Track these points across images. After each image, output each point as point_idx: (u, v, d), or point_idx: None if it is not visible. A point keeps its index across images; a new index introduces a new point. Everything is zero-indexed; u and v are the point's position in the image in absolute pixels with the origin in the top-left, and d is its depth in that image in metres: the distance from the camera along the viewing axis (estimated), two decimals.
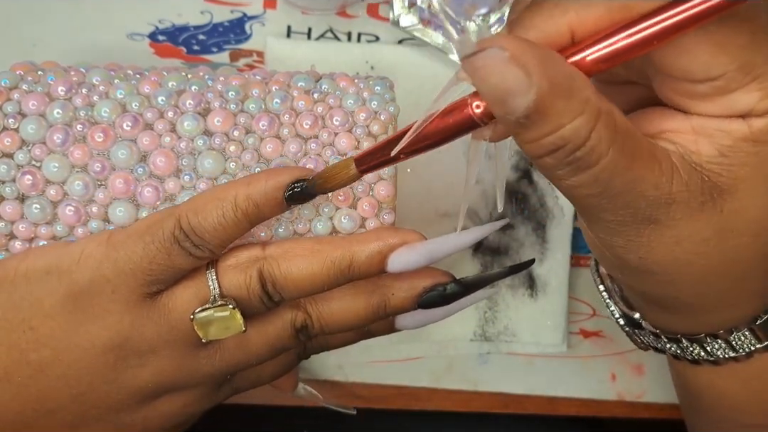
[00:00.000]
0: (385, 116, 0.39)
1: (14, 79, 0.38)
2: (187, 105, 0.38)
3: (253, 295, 0.36)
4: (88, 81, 0.39)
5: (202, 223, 0.35)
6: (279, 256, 0.37)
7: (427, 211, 0.53)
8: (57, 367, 0.36)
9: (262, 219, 0.36)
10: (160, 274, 0.35)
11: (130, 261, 0.35)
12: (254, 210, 0.35)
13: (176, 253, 0.35)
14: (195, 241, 0.35)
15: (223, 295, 0.36)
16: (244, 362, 0.38)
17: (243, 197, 0.35)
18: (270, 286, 0.36)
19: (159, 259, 0.35)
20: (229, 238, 0.36)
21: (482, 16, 0.50)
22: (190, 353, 0.37)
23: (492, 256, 0.54)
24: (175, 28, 0.52)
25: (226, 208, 0.35)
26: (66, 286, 0.36)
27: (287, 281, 0.36)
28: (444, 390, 0.54)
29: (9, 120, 0.37)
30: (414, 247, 0.37)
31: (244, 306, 0.36)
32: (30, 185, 0.37)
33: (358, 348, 0.52)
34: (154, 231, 0.35)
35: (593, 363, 0.54)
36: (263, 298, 0.36)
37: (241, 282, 0.36)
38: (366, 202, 0.39)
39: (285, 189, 0.35)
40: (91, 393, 0.36)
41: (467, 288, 0.38)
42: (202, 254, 0.35)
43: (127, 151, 0.37)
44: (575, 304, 0.55)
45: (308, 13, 0.53)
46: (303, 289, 0.37)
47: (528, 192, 0.54)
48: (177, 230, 0.35)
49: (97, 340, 0.36)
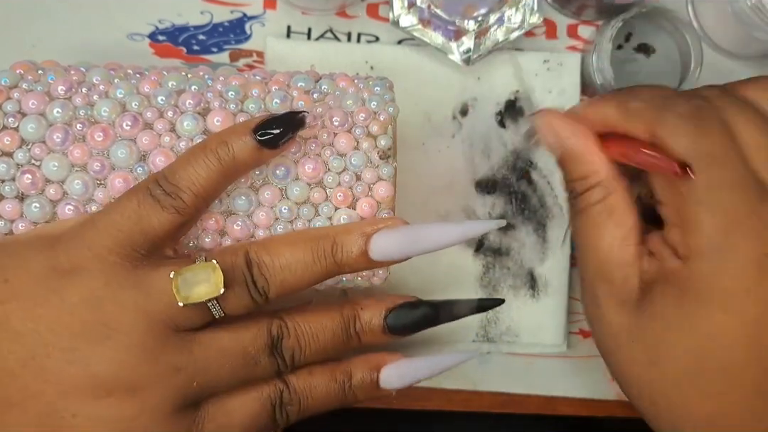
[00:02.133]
0: (384, 116, 0.40)
1: (14, 78, 0.38)
2: (187, 105, 0.38)
3: (237, 272, 0.36)
4: (88, 80, 0.39)
5: (174, 169, 0.35)
6: (265, 241, 0.37)
7: (427, 211, 0.53)
8: (18, 320, 0.34)
9: (235, 162, 0.36)
10: (132, 231, 0.34)
11: (104, 218, 0.35)
12: (226, 152, 0.35)
13: (147, 204, 0.35)
14: (166, 188, 0.35)
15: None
16: (213, 371, 0.36)
17: (214, 140, 0.36)
18: (256, 269, 0.36)
19: (129, 211, 0.35)
20: (201, 182, 0.35)
21: (481, 16, 0.50)
22: (160, 341, 0.35)
23: (494, 257, 0.54)
24: (174, 28, 0.52)
25: (197, 152, 0.35)
26: (48, 242, 0.35)
27: (273, 263, 0.36)
28: (444, 390, 0.54)
29: (9, 119, 0.37)
30: (397, 228, 0.37)
31: (228, 294, 0.35)
32: (29, 184, 0.37)
33: None
34: (131, 190, 0.36)
35: (593, 363, 0.54)
36: (248, 281, 0.36)
37: (228, 263, 0.36)
38: (365, 202, 0.39)
39: (254, 128, 0.36)
40: (45, 360, 0.34)
41: (436, 309, 0.41)
42: (173, 203, 0.35)
43: (126, 150, 0.37)
44: (575, 304, 0.55)
45: (308, 14, 0.53)
46: (288, 271, 0.36)
47: (528, 192, 0.54)
48: (151, 183, 0.35)
49: (69, 296, 0.34)
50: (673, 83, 0.55)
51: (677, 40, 0.54)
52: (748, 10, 0.50)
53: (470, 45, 0.51)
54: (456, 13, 0.50)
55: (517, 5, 0.51)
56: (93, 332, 0.34)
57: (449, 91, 0.53)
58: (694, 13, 0.55)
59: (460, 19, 0.50)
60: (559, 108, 0.42)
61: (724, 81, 0.56)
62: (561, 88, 0.54)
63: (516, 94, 0.54)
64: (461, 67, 0.52)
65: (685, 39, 0.53)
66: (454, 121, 0.53)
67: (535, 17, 0.51)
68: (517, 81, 0.53)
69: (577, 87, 0.54)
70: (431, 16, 0.50)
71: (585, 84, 0.54)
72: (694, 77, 0.52)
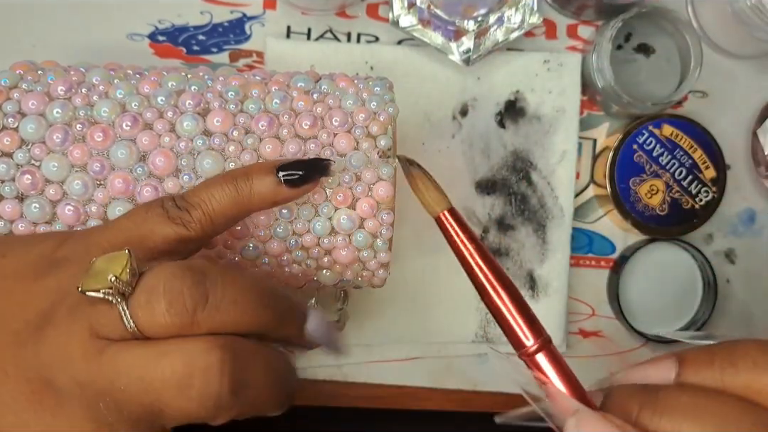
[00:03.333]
0: (384, 117, 0.39)
1: (14, 79, 0.38)
2: (187, 105, 0.38)
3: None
4: (88, 81, 0.39)
5: (192, 190, 0.35)
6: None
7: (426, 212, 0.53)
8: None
9: (252, 198, 0.35)
10: (132, 234, 0.34)
11: (113, 221, 0.35)
12: (245, 183, 0.35)
13: (155, 212, 0.34)
14: (179, 203, 0.35)
15: None
16: None
17: (239, 171, 0.36)
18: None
19: (136, 216, 0.34)
20: (213, 205, 0.35)
21: (481, 16, 0.50)
22: (83, 350, 0.31)
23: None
24: (174, 28, 0.52)
25: (219, 179, 0.35)
26: (60, 237, 0.35)
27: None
28: (443, 390, 0.54)
29: (8, 119, 0.37)
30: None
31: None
32: (29, 185, 0.37)
33: (358, 348, 0.52)
34: (147, 201, 0.36)
35: (592, 363, 0.54)
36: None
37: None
38: (365, 202, 0.39)
39: (279, 167, 0.35)
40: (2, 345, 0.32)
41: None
42: (180, 214, 0.34)
43: (126, 150, 0.37)
44: (574, 304, 0.55)
45: (308, 14, 0.53)
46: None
47: (528, 193, 0.54)
48: (166, 198, 0.35)
49: (44, 281, 0.33)
50: (673, 83, 0.55)
51: (677, 40, 0.54)
52: (748, 10, 0.50)
53: (470, 45, 0.51)
54: (456, 14, 0.50)
55: (517, 5, 0.50)
56: (38, 321, 0.32)
57: (449, 91, 0.53)
58: (694, 13, 0.55)
59: (459, 19, 0.50)
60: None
61: (723, 81, 0.56)
62: (561, 88, 0.54)
63: (516, 94, 0.54)
64: (461, 67, 0.52)
65: (685, 39, 0.53)
66: (453, 121, 0.53)
67: (534, 17, 0.51)
68: (516, 81, 0.53)
69: (577, 87, 0.54)
70: (431, 17, 0.50)
71: (585, 84, 0.54)
72: (694, 77, 0.52)
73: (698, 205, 0.54)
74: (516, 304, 0.34)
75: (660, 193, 0.54)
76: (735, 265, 0.57)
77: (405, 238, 0.53)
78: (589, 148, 0.56)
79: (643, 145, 0.54)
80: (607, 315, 0.56)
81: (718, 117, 0.56)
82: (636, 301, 0.56)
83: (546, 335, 0.34)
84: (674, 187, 0.54)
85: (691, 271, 0.56)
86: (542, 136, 0.54)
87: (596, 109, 0.56)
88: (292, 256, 0.40)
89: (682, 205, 0.54)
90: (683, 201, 0.54)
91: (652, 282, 0.56)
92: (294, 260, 0.40)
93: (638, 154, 0.54)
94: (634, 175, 0.54)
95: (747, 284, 0.57)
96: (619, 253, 0.56)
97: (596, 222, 0.56)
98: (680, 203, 0.54)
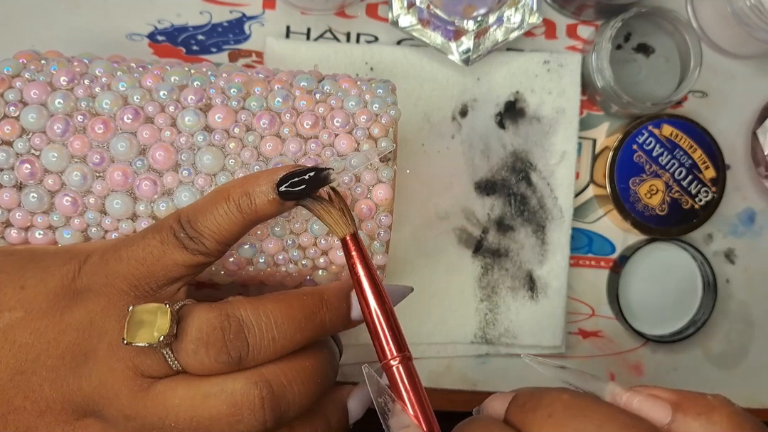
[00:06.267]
0: (386, 119, 0.39)
1: (17, 67, 0.38)
2: (189, 100, 0.38)
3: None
4: (91, 72, 0.39)
5: (196, 214, 0.35)
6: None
7: (426, 212, 0.53)
8: (20, 331, 0.34)
9: (257, 214, 0.35)
10: (155, 266, 0.35)
11: (127, 250, 0.35)
12: (247, 202, 0.35)
13: (171, 243, 0.35)
14: (190, 233, 0.35)
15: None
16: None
17: (237, 189, 0.35)
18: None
19: (152, 247, 0.35)
20: (223, 232, 0.35)
21: (481, 16, 0.50)
22: (122, 382, 0.34)
23: (492, 258, 0.53)
24: (174, 28, 0.52)
25: (220, 200, 0.35)
26: (75, 258, 0.36)
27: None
28: (444, 390, 0.53)
29: (10, 108, 0.37)
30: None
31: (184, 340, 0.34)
32: (28, 174, 0.36)
33: (357, 348, 0.52)
34: (153, 227, 0.35)
35: (592, 363, 0.54)
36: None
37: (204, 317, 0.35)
38: (364, 204, 0.39)
39: (278, 182, 0.35)
40: (32, 376, 0.34)
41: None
42: (196, 247, 0.35)
43: (126, 143, 0.37)
44: (574, 304, 0.55)
45: (307, 14, 0.53)
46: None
47: (527, 194, 0.54)
48: (174, 223, 0.35)
49: (69, 315, 0.34)
50: (672, 83, 0.55)
51: (677, 40, 0.54)
52: (747, 10, 0.50)
53: (469, 45, 0.51)
54: (455, 13, 0.50)
55: (517, 5, 0.51)
56: (74, 356, 0.34)
57: (449, 91, 0.53)
58: (694, 13, 0.55)
59: (459, 19, 0.50)
60: None
61: (723, 81, 0.57)
62: (561, 89, 0.54)
63: (516, 95, 0.54)
64: (461, 67, 0.52)
65: (684, 39, 0.53)
66: (453, 122, 0.53)
67: (534, 17, 0.51)
68: (516, 82, 0.54)
69: (577, 88, 0.54)
70: (430, 16, 0.50)
71: (585, 84, 0.54)
72: (694, 77, 0.52)
73: (698, 205, 0.54)
74: (388, 321, 0.36)
75: (660, 193, 0.54)
76: (735, 265, 0.57)
77: (404, 240, 0.52)
78: (589, 148, 0.56)
79: (642, 145, 0.54)
80: (607, 315, 0.56)
81: (718, 117, 0.56)
82: (636, 301, 0.55)
83: (408, 352, 0.36)
84: (674, 187, 0.54)
85: (691, 271, 0.56)
86: (542, 137, 0.54)
87: (596, 109, 0.56)
88: (288, 255, 0.40)
89: (681, 205, 0.54)
90: (683, 201, 0.54)
91: (652, 282, 0.56)
92: (290, 259, 0.40)
93: (638, 154, 0.54)
94: (633, 175, 0.54)
95: (747, 284, 0.57)
96: (619, 253, 0.56)
97: (596, 222, 0.56)
98: (680, 203, 0.54)
